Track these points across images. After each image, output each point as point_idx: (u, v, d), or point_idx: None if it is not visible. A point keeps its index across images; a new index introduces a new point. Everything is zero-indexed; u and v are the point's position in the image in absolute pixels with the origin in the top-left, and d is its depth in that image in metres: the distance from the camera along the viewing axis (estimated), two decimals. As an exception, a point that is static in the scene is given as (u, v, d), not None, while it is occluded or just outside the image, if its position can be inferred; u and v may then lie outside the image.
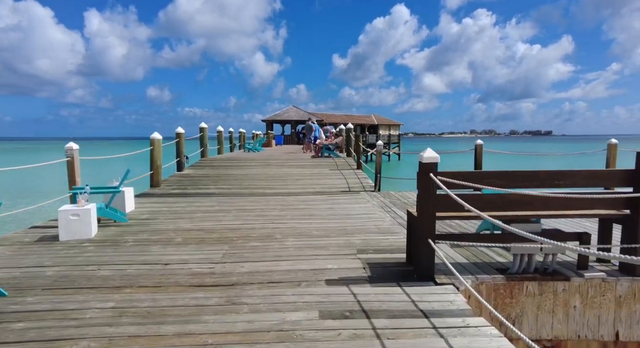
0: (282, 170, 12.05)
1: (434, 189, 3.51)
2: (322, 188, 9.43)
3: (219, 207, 7.28)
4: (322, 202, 7.68)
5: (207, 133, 14.99)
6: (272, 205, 7.39)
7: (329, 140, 17.36)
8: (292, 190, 9.25)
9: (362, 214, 6.43)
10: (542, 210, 3.67)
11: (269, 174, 11.46)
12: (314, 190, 9.12)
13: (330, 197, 8.28)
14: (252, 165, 13.23)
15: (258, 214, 6.52)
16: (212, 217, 6.38)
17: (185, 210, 6.97)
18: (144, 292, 3.35)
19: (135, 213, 6.69)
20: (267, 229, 5.49)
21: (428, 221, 3.54)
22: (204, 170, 12.07)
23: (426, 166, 3.49)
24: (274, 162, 14.03)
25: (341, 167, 12.74)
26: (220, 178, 10.69)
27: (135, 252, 4.48)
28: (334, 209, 6.90)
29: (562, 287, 3.58)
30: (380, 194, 8.66)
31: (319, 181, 10.31)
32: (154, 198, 8.30)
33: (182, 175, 11.18)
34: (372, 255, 4.28)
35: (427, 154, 3.50)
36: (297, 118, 40.30)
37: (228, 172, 11.77)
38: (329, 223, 5.78)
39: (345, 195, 8.43)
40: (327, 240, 4.91)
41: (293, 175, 11.27)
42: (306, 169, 12.34)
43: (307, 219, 6.11)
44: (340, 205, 7.24)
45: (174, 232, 5.37)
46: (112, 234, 5.28)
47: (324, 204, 7.41)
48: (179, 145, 11.86)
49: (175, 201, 7.91)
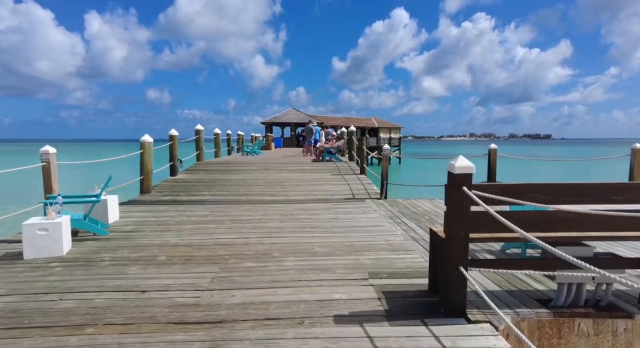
0: (281, 175, 11.42)
1: (468, 205, 2.88)
2: (324, 195, 8.80)
3: (212, 216, 6.64)
4: (325, 210, 7.05)
5: (203, 135, 14.37)
6: (271, 214, 6.75)
7: (330, 144, 16.75)
8: (292, 197, 8.62)
9: (370, 226, 5.79)
10: (595, 231, 3.04)
11: (268, 179, 10.83)
12: (315, 197, 8.49)
13: (333, 205, 7.64)
14: (249, 169, 12.59)
15: (254, 226, 5.88)
16: (204, 229, 5.74)
17: (174, 220, 6.33)
18: (110, 333, 2.70)
19: (118, 224, 6.04)
20: (264, 245, 4.85)
21: (460, 244, 2.91)
22: (199, 175, 11.43)
23: (458, 178, 2.86)
24: (272, 166, 13.39)
25: (344, 171, 12.12)
26: (216, 184, 10.05)
27: (110, 275, 3.83)
28: (338, 220, 6.27)
29: (624, 326, 2.95)
30: (387, 202, 8.03)
31: (320, 187, 9.68)
32: (142, 206, 7.65)
33: (175, 180, 10.53)
34: (386, 281, 3.65)
35: (459, 162, 2.87)
36: (296, 120, 39.71)
37: (224, 177, 11.13)
38: (334, 238, 5.15)
39: (349, 203, 7.79)
40: (333, 259, 4.27)
41: (293, 180, 10.63)
42: (307, 174, 11.71)
43: (309, 232, 5.47)
44: (344, 215, 6.60)
45: (159, 248, 4.73)
46: (86, 251, 4.63)
47: (327, 213, 6.78)
48: (172, 148, 11.23)
49: (165, 210, 7.26)
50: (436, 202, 8.17)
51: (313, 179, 10.78)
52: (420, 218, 6.52)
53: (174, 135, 11.25)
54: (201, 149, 14.20)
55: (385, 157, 8.40)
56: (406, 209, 7.33)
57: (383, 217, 6.53)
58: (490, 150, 8.40)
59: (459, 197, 2.87)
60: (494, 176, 8.39)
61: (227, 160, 15.41)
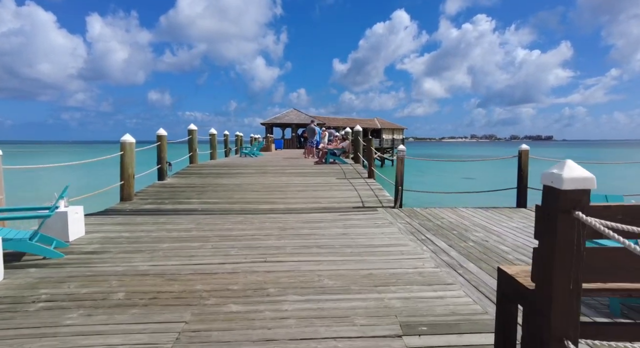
0: (281, 179, 10.32)
1: (582, 240, 1.76)
2: (330, 202, 7.69)
3: (197, 231, 5.53)
4: (332, 223, 5.94)
5: (196, 136, 13.29)
6: (267, 228, 5.65)
7: (334, 145, 15.66)
8: (293, 205, 7.51)
9: (389, 246, 4.68)
10: None
11: (266, 183, 9.72)
12: (319, 206, 7.38)
13: (341, 215, 6.53)
14: (246, 172, 11.49)
15: (246, 244, 4.77)
16: (184, 249, 4.63)
17: (151, 236, 5.23)
18: None
19: (81, 242, 4.94)
20: (256, 274, 3.74)
21: (565, 303, 1.79)
22: (190, 179, 10.33)
23: (569, 197, 1.73)
24: (272, 169, 12.29)
25: (350, 175, 11.01)
26: (207, 190, 8.95)
27: (35, 327, 2.72)
28: (349, 236, 5.16)
29: None
30: (404, 212, 6.91)
31: (325, 193, 8.58)
32: (118, 217, 6.55)
33: (163, 185, 9.43)
34: (429, 340, 2.53)
35: (571, 172, 1.73)
36: (297, 121, 38.65)
37: (218, 181, 10.03)
38: (346, 263, 4.03)
39: (359, 213, 6.68)
40: (348, 299, 3.16)
41: (294, 185, 9.53)
42: (309, 178, 10.60)
43: (314, 255, 4.35)
44: (355, 230, 5.49)
45: (119, 279, 3.62)
46: (20, 285, 3.52)
47: (335, 227, 5.67)
48: (160, 150, 10.14)
49: (144, 222, 6.16)
50: (460, 211, 7.05)
51: (316, 184, 9.68)
52: (448, 234, 5.41)
53: (162, 136, 10.17)
54: (194, 151, 13.13)
55: (400, 159, 7.29)
56: (428, 221, 6.21)
57: (403, 232, 5.41)
58: (521, 152, 7.28)
59: (567, 227, 1.76)
60: (525, 182, 7.27)
61: (223, 163, 14.31)
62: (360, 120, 51.39)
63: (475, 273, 3.82)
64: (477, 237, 5.23)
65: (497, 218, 6.42)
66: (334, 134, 22.62)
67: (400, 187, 7.20)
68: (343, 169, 12.30)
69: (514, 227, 5.82)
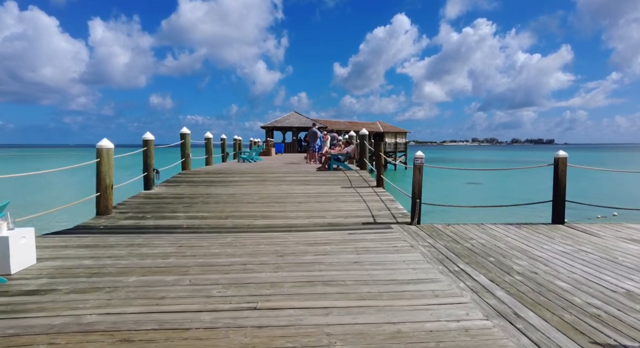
0: (280, 188, 9.32)
1: None
2: (336, 217, 6.69)
3: (176, 257, 4.53)
4: (340, 246, 4.93)
5: (189, 140, 12.31)
6: (262, 253, 4.64)
7: (338, 149, 14.67)
8: (294, 220, 6.51)
9: (417, 282, 3.66)
10: None
11: (263, 193, 8.72)
12: (324, 222, 6.38)
13: (350, 234, 5.52)
14: (242, 180, 10.49)
15: (234, 279, 3.76)
16: (154, 285, 3.63)
17: (118, 265, 4.22)
18: None
19: (29, 273, 3.94)
20: (242, 332, 2.73)
21: None
22: (179, 189, 9.34)
23: None
24: (271, 176, 11.29)
25: (356, 183, 10.00)
26: (197, 201, 7.95)
27: None
28: (363, 265, 4.15)
29: None
30: (423, 230, 5.90)
31: (329, 205, 7.57)
32: (88, 236, 5.55)
33: (148, 196, 8.44)
34: None
35: None
36: (298, 125, 37.72)
37: (210, 191, 9.03)
38: (364, 313, 3.01)
39: (371, 232, 5.67)
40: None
41: (295, 195, 8.53)
42: (312, 186, 9.60)
43: (321, 297, 3.33)
44: (370, 256, 4.48)
45: (50, 341, 2.62)
46: None
47: (344, 252, 4.66)
48: (147, 156, 9.16)
49: (116, 243, 5.16)
50: (489, 229, 6.04)
51: (320, 194, 8.67)
52: (484, 262, 4.39)
53: (148, 140, 9.19)
54: (187, 156, 12.14)
55: (418, 167, 6.27)
56: (455, 243, 5.19)
57: (429, 260, 4.39)
58: (559, 159, 6.26)
59: None
60: (563, 194, 6.26)
61: (219, 169, 13.32)
62: (362, 123, 50.47)
63: (541, 328, 2.81)
64: (521, 266, 4.21)
65: (536, 239, 5.41)
66: (336, 138, 21.64)
67: (418, 200, 6.19)
68: (348, 176, 11.30)
69: (560, 251, 4.80)
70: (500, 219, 14.52)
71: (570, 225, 6.20)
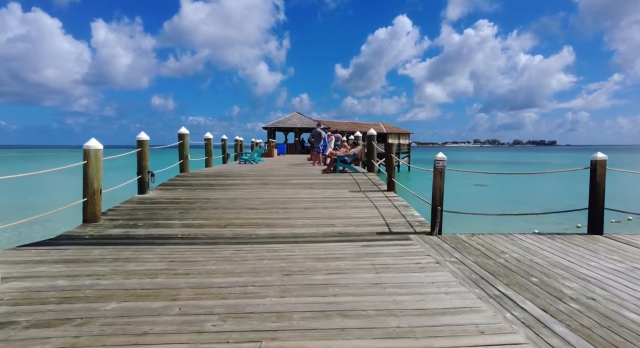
0: (284, 192, 8.69)
1: None
2: (346, 225, 6.05)
3: (166, 275, 3.90)
4: (355, 262, 4.29)
5: (188, 141, 11.70)
6: (265, 270, 4.01)
7: (343, 151, 14.04)
8: (300, 229, 5.87)
9: (454, 312, 3.01)
10: None
11: (266, 198, 8.09)
12: (334, 231, 5.74)
13: (364, 247, 4.89)
14: (244, 183, 9.86)
15: (232, 307, 3.13)
16: (135, 315, 2.99)
17: (97, 287, 3.59)
18: None
19: (-11, 298, 3.32)
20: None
21: None
22: (176, 193, 8.72)
23: None
24: (273, 179, 10.66)
25: (365, 187, 9.37)
26: (194, 207, 7.32)
27: None
28: (385, 288, 3.51)
29: None
30: (446, 241, 5.25)
31: (338, 212, 6.93)
32: (70, 248, 4.92)
33: (142, 201, 7.82)
34: None
35: None
36: (301, 125, 37.13)
37: (208, 195, 8.41)
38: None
39: (389, 244, 5.03)
40: None
41: (299, 200, 7.90)
42: (317, 190, 8.98)
43: (338, 335, 2.69)
44: (392, 277, 3.83)
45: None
46: None
47: (360, 269, 4.02)
48: (141, 157, 8.54)
49: (100, 257, 4.53)
50: (519, 240, 5.39)
51: (326, 199, 8.04)
52: (526, 282, 3.74)
53: (143, 141, 8.58)
54: (185, 158, 11.53)
55: (439, 171, 5.63)
56: (485, 258, 4.54)
57: (461, 281, 3.75)
58: (596, 162, 5.60)
59: None
60: (601, 202, 5.61)
61: (219, 171, 12.70)
62: (365, 124, 49.87)
63: (629, 385, 2.16)
64: (572, 290, 3.56)
65: (576, 253, 4.75)
66: (340, 138, 21.00)
67: (440, 207, 5.54)
68: (356, 179, 10.66)
69: (611, 269, 4.15)
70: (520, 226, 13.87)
71: (610, 236, 5.54)
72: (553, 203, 21.28)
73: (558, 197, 24.12)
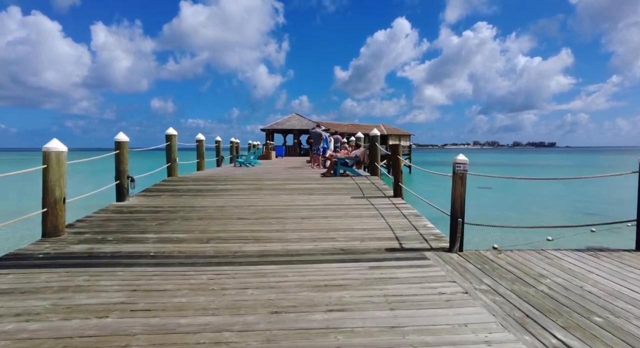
0: (279, 199, 7.82)
1: None
2: (349, 239, 5.16)
3: (117, 315, 3.01)
4: (362, 291, 3.41)
5: (176, 142, 10.83)
6: (248, 307, 3.12)
7: (344, 153, 13.17)
8: (295, 244, 4.98)
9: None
10: None
11: (259, 206, 7.22)
12: (334, 247, 4.85)
13: (372, 268, 4.00)
14: (236, 189, 8.99)
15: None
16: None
17: (17, 337, 2.71)
18: None
19: None
20: None
21: None
22: (159, 200, 7.84)
23: None
24: (268, 183, 9.79)
25: (369, 192, 8.49)
26: (176, 217, 6.44)
27: None
28: (404, 335, 2.63)
29: None
30: (470, 260, 4.36)
31: (340, 222, 6.05)
32: (10, 274, 4.02)
33: (119, 209, 6.94)
34: None
35: None
36: (300, 127, 36.31)
37: (194, 202, 7.53)
38: None
39: (402, 265, 4.14)
40: None
41: (296, 208, 7.02)
42: (316, 196, 8.10)
43: None
44: (410, 314, 2.95)
45: None
46: None
47: (369, 303, 3.14)
48: (120, 161, 7.68)
49: (44, 285, 3.64)
50: (557, 259, 4.49)
51: (326, 206, 7.16)
52: (588, 323, 2.85)
53: (121, 142, 7.70)
54: (173, 161, 10.65)
55: (460, 176, 4.74)
56: (523, 283, 3.65)
57: (501, 320, 2.86)
58: (646, 164, 4.75)
59: None
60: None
61: (210, 175, 11.82)
62: (365, 125, 49.07)
63: None
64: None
65: (636, 278, 3.87)
66: (339, 140, 20.15)
67: (461, 219, 4.66)
68: (358, 183, 9.78)
69: (689, 301, 3.26)
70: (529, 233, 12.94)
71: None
72: (563, 209, 20.38)
73: (564, 201, 23.23)
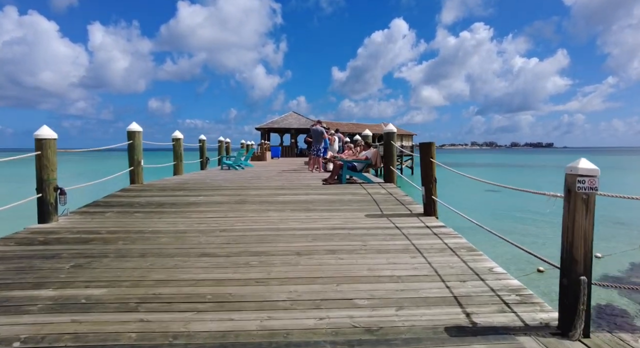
0: (266, 218, 5.64)
1: None
2: (376, 306, 2.97)
3: None
4: None
5: (140, 141, 8.64)
6: None
7: (348, 153, 11.00)
8: (282, 316, 2.79)
9: None
10: None
11: (235, 231, 5.04)
12: (353, 326, 2.66)
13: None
14: (210, 202, 6.80)
15: None
16: None
17: None
18: None
19: None
20: None
21: None
22: (100, 220, 5.66)
23: None
24: (255, 194, 7.61)
25: (388, 207, 6.33)
26: (108, 251, 4.25)
27: None
28: None
29: None
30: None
31: (355, 263, 3.85)
32: None
33: (30, 238, 4.75)
34: None
35: None
36: (297, 126, 34.16)
37: (145, 225, 5.35)
38: None
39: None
40: None
41: (289, 235, 4.84)
42: (317, 214, 5.94)
43: None
44: None
45: None
46: None
47: None
48: (41, 165, 5.50)
49: None
50: None
51: (333, 232, 4.98)
52: None
53: (43, 140, 5.53)
54: (137, 164, 8.47)
55: (583, 201, 2.58)
56: None
57: None
58: None
59: None
60: None
61: (185, 181, 9.62)
62: (366, 125, 47.00)
63: None
64: None
65: None
66: (342, 139, 17.97)
67: (586, 278, 2.50)
68: (371, 194, 7.62)
69: None
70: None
71: None
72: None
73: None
